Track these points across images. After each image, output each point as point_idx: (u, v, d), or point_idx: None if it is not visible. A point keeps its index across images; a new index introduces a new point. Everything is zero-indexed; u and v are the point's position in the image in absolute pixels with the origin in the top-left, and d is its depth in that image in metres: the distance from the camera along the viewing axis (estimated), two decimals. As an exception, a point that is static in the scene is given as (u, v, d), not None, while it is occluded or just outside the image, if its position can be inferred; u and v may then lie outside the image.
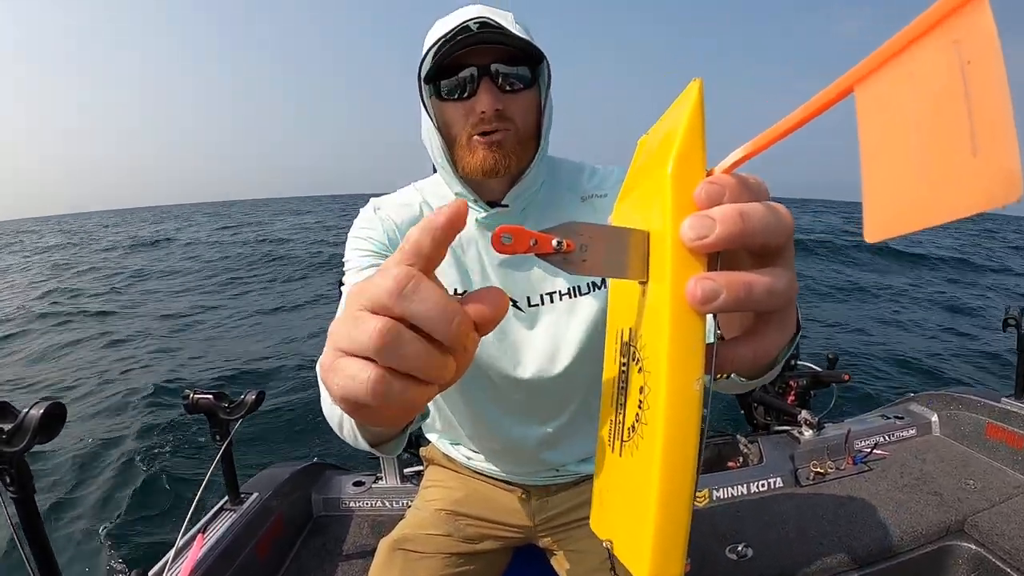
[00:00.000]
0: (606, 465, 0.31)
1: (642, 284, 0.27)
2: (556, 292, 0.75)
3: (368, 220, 0.77)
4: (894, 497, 1.45)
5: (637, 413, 0.27)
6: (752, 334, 0.28)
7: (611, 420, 0.31)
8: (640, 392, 0.26)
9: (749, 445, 1.75)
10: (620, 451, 0.29)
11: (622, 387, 0.29)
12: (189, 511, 1.13)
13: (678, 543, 0.24)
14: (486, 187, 0.73)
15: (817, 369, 1.93)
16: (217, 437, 1.21)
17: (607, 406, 0.32)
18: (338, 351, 0.26)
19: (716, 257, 0.24)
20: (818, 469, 1.58)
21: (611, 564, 0.80)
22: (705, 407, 0.24)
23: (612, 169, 0.80)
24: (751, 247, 0.25)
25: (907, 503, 1.42)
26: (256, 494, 1.36)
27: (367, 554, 1.36)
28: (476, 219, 0.74)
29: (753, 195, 0.25)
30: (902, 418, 1.82)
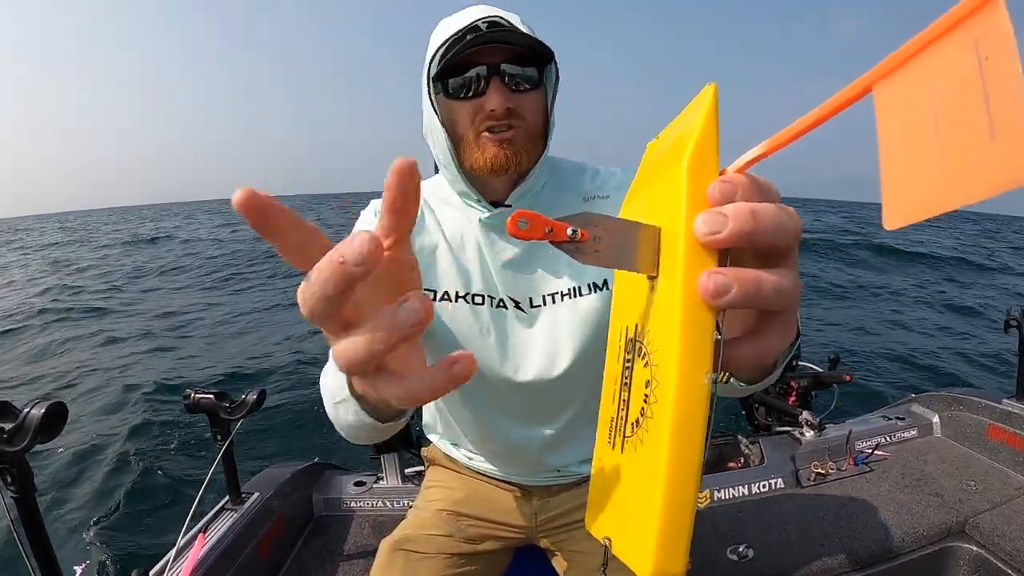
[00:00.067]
0: (605, 462, 0.31)
1: (651, 279, 0.27)
2: (558, 293, 0.75)
3: (368, 223, 0.77)
4: (895, 498, 1.45)
5: (642, 408, 0.27)
6: (755, 334, 0.28)
7: (612, 416, 0.31)
8: (646, 387, 0.26)
9: (750, 446, 1.75)
10: (622, 447, 0.29)
11: (626, 383, 0.29)
12: (190, 511, 1.13)
13: (682, 540, 0.24)
14: (489, 187, 0.73)
15: (818, 370, 1.93)
16: (218, 437, 1.21)
17: (608, 403, 0.32)
18: (331, 337, 0.25)
19: (726, 254, 0.25)
20: (819, 470, 1.58)
21: (604, 564, 0.80)
22: (711, 405, 0.24)
23: (614, 171, 0.80)
24: (760, 246, 0.25)
25: (908, 504, 1.42)
26: (257, 494, 1.36)
27: (368, 554, 1.36)
28: (479, 219, 0.74)
29: (764, 195, 0.25)
30: (903, 419, 1.82)
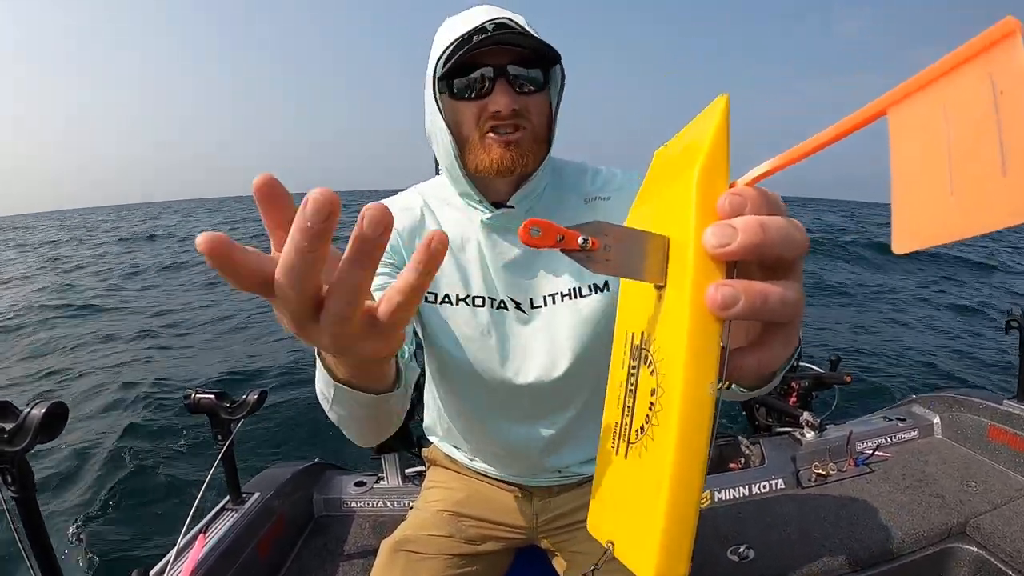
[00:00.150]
0: (609, 467, 0.31)
1: (659, 288, 0.28)
2: (558, 293, 0.75)
3: None
4: (896, 499, 1.45)
5: (647, 415, 0.27)
6: (758, 345, 0.28)
7: (616, 422, 0.31)
8: (651, 394, 0.27)
9: (751, 446, 1.75)
10: (625, 453, 0.29)
11: (631, 389, 0.30)
12: (191, 511, 1.13)
13: (685, 544, 0.24)
14: (492, 188, 0.73)
15: (819, 370, 1.93)
16: (219, 437, 1.21)
17: (612, 408, 0.32)
18: (294, 327, 0.28)
19: (733, 266, 0.25)
20: (820, 471, 1.58)
21: (596, 565, 0.79)
22: (715, 413, 0.25)
23: (615, 172, 0.80)
24: (767, 259, 0.25)
25: (909, 505, 1.42)
26: (258, 494, 1.36)
27: (368, 554, 1.36)
28: (481, 220, 0.74)
29: (773, 209, 0.26)
30: (904, 420, 1.82)
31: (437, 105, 0.69)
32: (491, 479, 0.92)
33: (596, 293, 0.74)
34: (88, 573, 2.32)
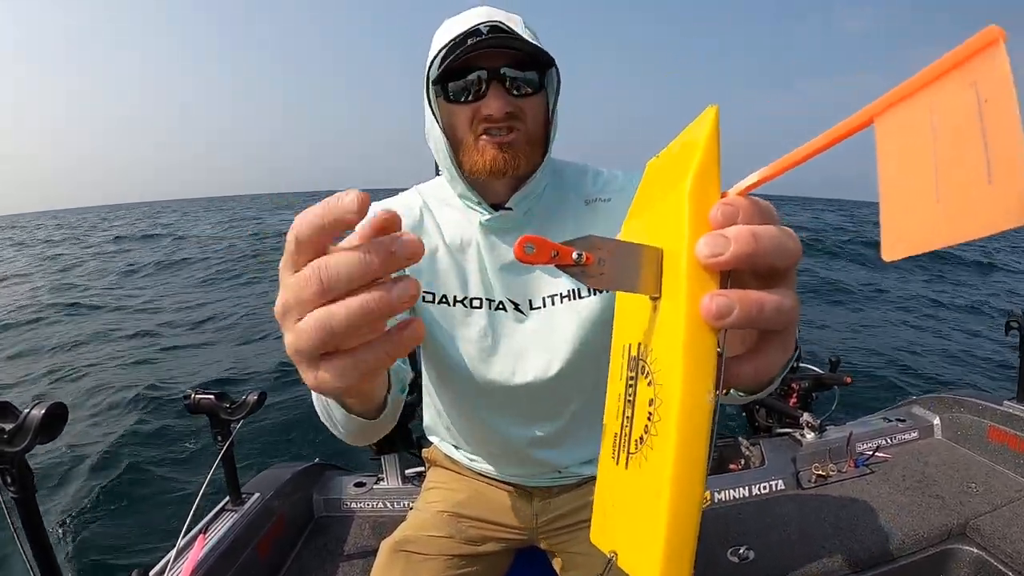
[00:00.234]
0: (610, 478, 0.32)
1: (654, 299, 0.28)
2: (557, 295, 0.75)
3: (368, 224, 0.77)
4: (896, 500, 1.45)
5: (646, 425, 0.27)
6: (755, 352, 0.29)
7: (616, 433, 0.31)
8: (649, 405, 0.27)
9: (751, 447, 1.75)
10: (626, 464, 0.29)
11: (629, 400, 0.30)
12: (190, 511, 1.13)
13: (686, 552, 0.24)
14: (490, 190, 0.73)
15: (819, 371, 1.93)
16: (218, 438, 1.21)
17: (612, 419, 0.32)
18: (308, 366, 0.28)
19: (727, 276, 0.25)
20: (820, 472, 1.58)
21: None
22: (713, 422, 0.25)
23: (616, 173, 0.80)
24: (760, 268, 0.26)
25: (909, 506, 1.42)
26: (257, 494, 1.36)
27: (368, 555, 1.36)
28: (480, 222, 0.74)
29: (765, 218, 0.26)
30: (904, 421, 1.81)
31: (432, 108, 0.69)
32: (491, 479, 0.92)
33: (595, 294, 0.74)
34: (87, 574, 2.32)
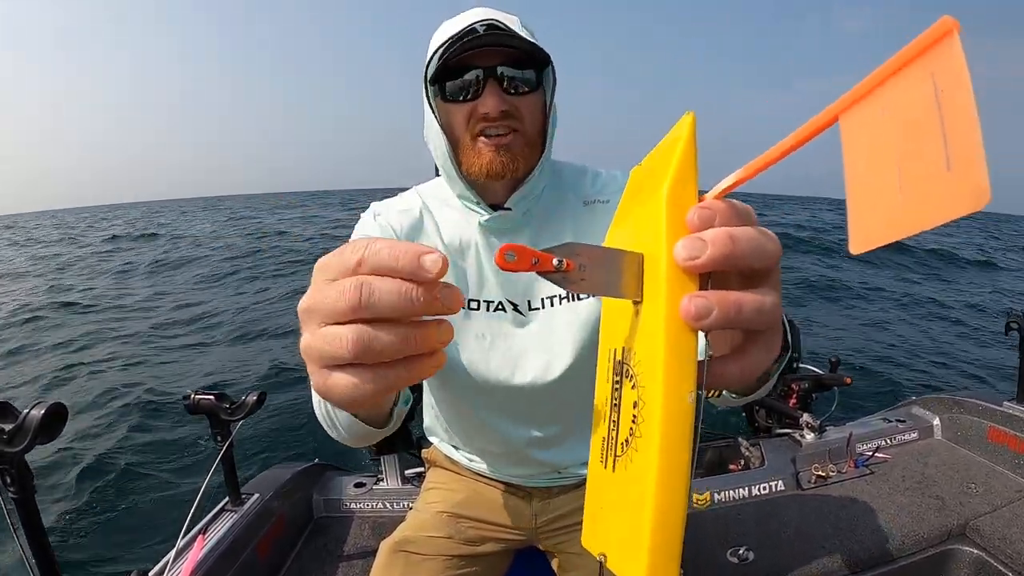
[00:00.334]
0: (598, 480, 0.32)
1: (636, 304, 0.28)
2: (556, 296, 0.75)
3: (368, 226, 0.77)
4: (896, 500, 1.45)
5: (631, 427, 0.27)
6: (740, 352, 0.29)
7: (604, 437, 0.31)
8: (634, 407, 0.27)
9: (750, 448, 1.75)
10: (613, 466, 0.29)
11: (615, 404, 0.30)
12: (190, 512, 1.13)
13: (672, 553, 0.25)
14: (489, 190, 0.73)
15: (819, 372, 1.93)
16: (218, 438, 1.21)
17: (599, 423, 0.33)
18: (323, 369, 0.28)
19: (707, 278, 0.26)
20: (819, 472, 1.58)
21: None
22: (696, 422, 0.25)
23: (615, 174, 0.80)
24: (740, 268, 0.26)
25: (909, 507, 1.42)
26: (257, 495, 1.36)
27: (368, 555, 1.36)
28: (479, 222, 0.74)
29: (743, 220, 0.26)
30: (904, 421, 1.81)
31: (431, 107, 0.69)
32: (490, 480, 0.92)
33: (594, 296, 0.74)
34: (87, 574, 2.32)
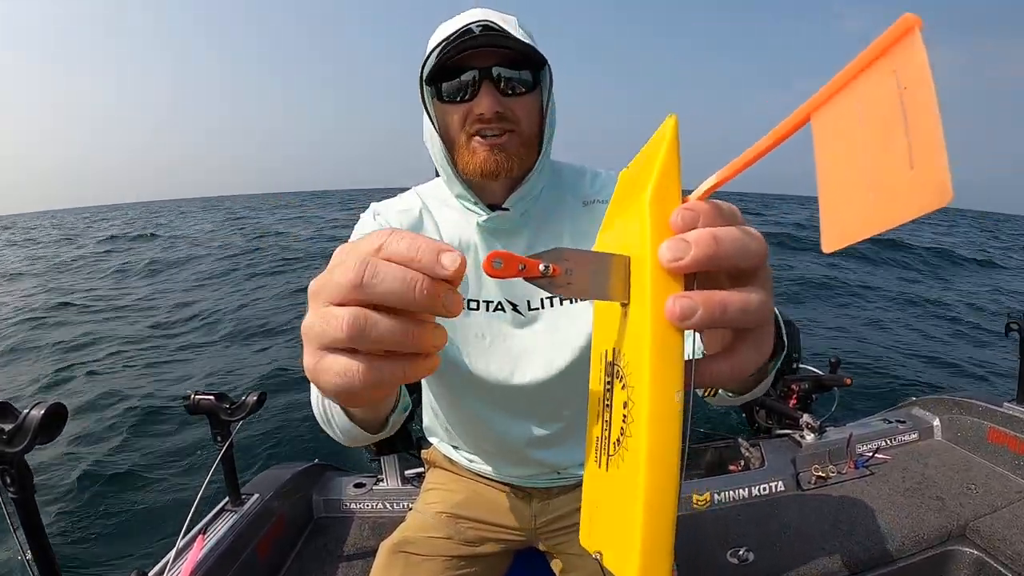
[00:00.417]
0: (593, 480, 0.32)
1: (624, 306, 0.29)
2: (556, 296, 0.75)
3: (368, 226, 0.77)
4: (896, 501, 1.45)
5: (622, 427, 0.28)
6: (729, 351, 0.29)
7: (597, 436, 0.32)
8: (624, 407, 0.28)
9: (750, 448, 1.75)
10: (607, 466, 0.30)
11: (607, 404, 0.31)
12: (190, 512, 1.13)
13: (665, 551, 0.25)
14: (487, 190, 0.73)
15: (819, 373, 1.93)
16: (218, 438, 1.21)
17: (593, 423, 0.33)
18: (318, 350, 0.27)
19: (692, 278, 0.26)
20: (820, 473, 1.58)
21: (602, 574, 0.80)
22: (685, 420, 0.25)
23: (613, 175, 0.80)
24: (726, 268, 0.26)
25: (909, 507, 1.42)
26: (257, 495, 1.36)
27: (368, 555, 1.36)
28: (477, 223, 0.74)
29: (727, 220, 0.26)
30: (904, 422, 1.81)
31: (428, 109, 0.69)
32: (490, 481, 0.92)
33: None
34: (87, 574, 2.32)
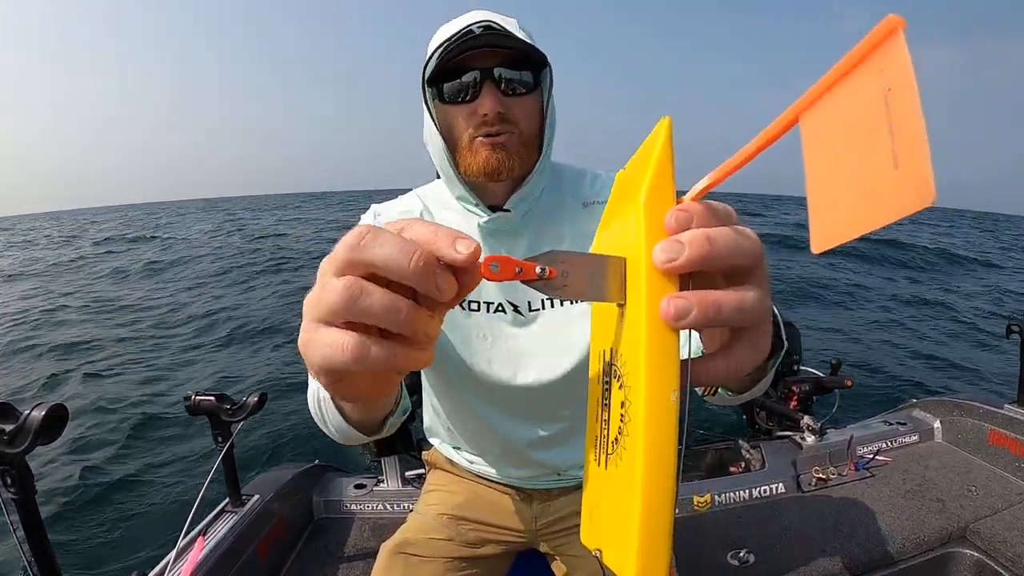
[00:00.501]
0: (593, 479, 0.33)
1: (620, 307, 0.29)
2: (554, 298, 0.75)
3: None
4: (896, 503, 1.45)
5: (619, 426, 0.28)
6: (726, 350, 0.29)
7: (596, 436, 0.32)
8: (621, 407, 0.28)
9: (751, 450, 1.75)
10: (605, 464, 0.30)
11: (605, 404, 0.31)
12: (190, 513, 1.13)
13: (662, 549, 0.25)
14: (488, 191, 0.73)
15: (820, 375, 1.93)
16: (219, 439, 1.21)
17: (592, 423, 0.33)
18: (313, 323, 0.27)
19: (688, 278, 0.26)
20: (820, 475, 1.58)
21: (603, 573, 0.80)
22: (682, 419, 0.25)
23: (613, 176, 0.80)
24: (720, 268, 0.26)
25: (909, 509, 1.42)
26: (257, 496, 1.36)
27: (368, 557, 1.36)
28: (478, 224, 0.74)
29: (720, 220, 0.27)
30: (904, 424, 1.81)
31: (429, 110, 0.69)
32: (491, 482, 0.92)
33: None
34: (87, 574, 2.31)
